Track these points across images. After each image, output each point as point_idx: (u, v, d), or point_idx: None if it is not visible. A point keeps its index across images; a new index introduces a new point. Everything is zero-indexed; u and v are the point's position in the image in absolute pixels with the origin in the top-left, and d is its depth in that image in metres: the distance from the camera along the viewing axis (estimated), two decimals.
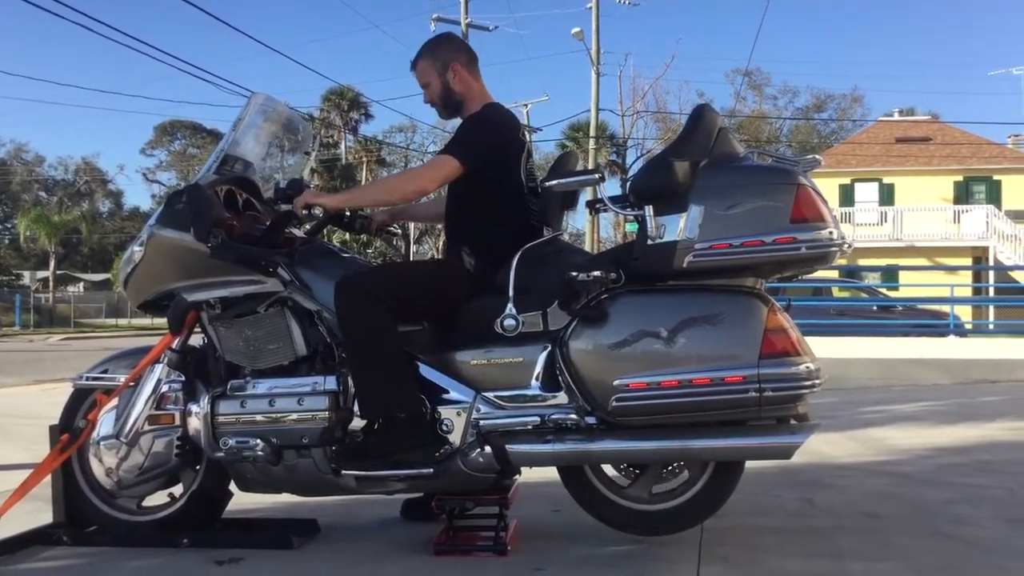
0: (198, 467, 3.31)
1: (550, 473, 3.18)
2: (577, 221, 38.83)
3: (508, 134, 3.28)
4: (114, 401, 3.31)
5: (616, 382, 2.80)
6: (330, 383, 3.08)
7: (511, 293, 2.95)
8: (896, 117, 39.79)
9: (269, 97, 3.57)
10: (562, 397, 2.94)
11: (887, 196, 33.43)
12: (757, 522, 3.49)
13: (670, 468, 3.13)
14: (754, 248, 2.73)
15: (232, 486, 3.32)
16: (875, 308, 16.78)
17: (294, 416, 3.07)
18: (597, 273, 2.86)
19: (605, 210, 3.08)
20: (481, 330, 3.00)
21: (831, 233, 2.74)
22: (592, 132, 32.85)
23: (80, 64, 79.78)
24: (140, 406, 3.23)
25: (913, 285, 20.00)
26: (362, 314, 2.97)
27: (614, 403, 2.81)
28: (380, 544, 3.27)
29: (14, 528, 3.29)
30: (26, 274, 54.34)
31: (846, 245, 2.79)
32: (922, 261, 27.93)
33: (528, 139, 3.41)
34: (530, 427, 2.95)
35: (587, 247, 27.40)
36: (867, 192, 33.70)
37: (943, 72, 77.36)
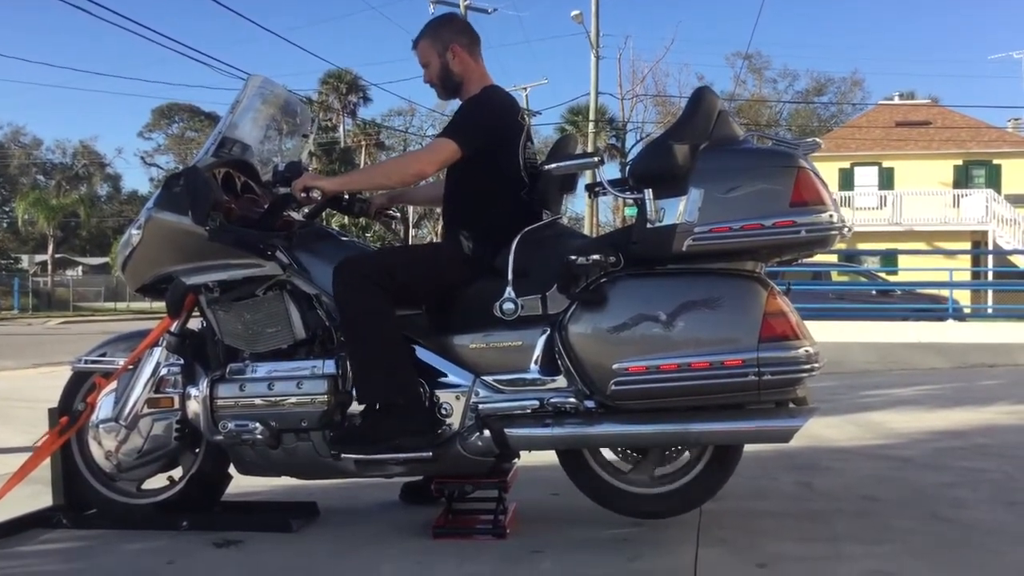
0: (197, 450, 3.31)
1: (549, 457, 3.18)
2: (576, 205, 38.78)
3: (507, 117, 3.27)
4: (113, 384, 3.31)
5: (615, 366, 2.80)
6: (329, 366, 3.07)
7: (510, 277, 2.94)
8: (896, 101, 39.69)
9: (267, 79, 3.55)
10: (561, 381, 2.94)
11: (887, 180, 33.39)
12: (756, 505, 3.50)
13: (669, 452, 3.13)
14: (754, 231, 2.73)
15: (231, 469, 3.32)
16: (874, 292, 16.78)
17: (293, 399, 3.08)
18: (596, 257, 2.86)
19: (604, 193, 3.08)
20: (480, 314, 2.99)
21: (831, 216, 2.73)
22: (591, 115, 32.76)
23: (77, 46, 79.53)
24: (139, 389, 3.24)
25: (912, 269, 20.04)
26: (360, 298, 2.97)
27: (613, 387, 2.81)
28: (379, 527, 3.27)
29: (13, 511, 3.29)
30: (24, 258, 54.26)
31: (846, 229, 2.78)
32: (921, 245, 27.91)
33: (527, 122, 3.40)
34: (529, 411, 2.95)
35: (586, 231, 27.38)
36: (866, 176, 33.64)
37: (943, 56, 77.23)
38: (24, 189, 51.44)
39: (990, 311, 18.66)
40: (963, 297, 17.95)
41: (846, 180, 33.19)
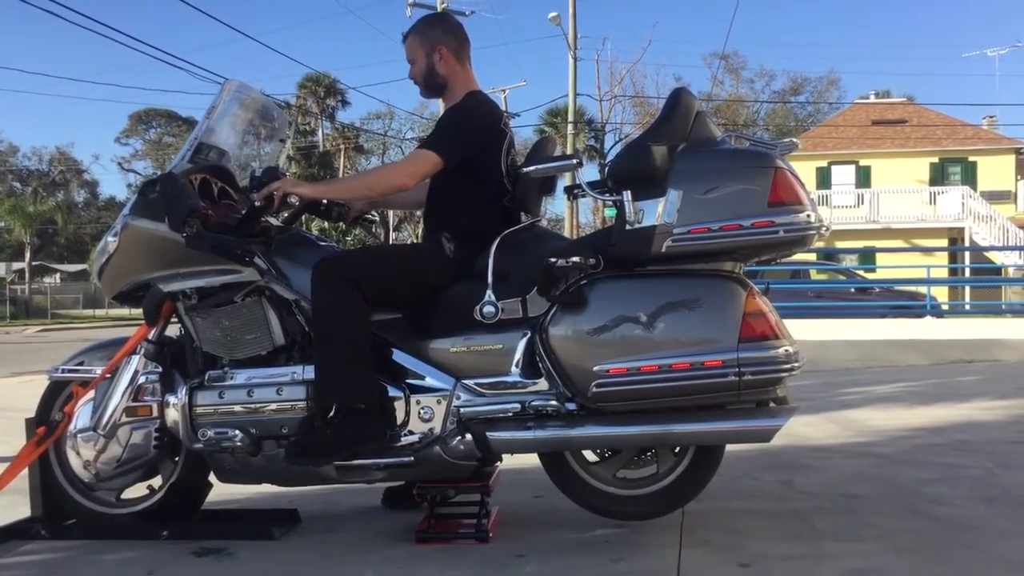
0: (177, 458, 3.28)
1: (531, 459, 3.18)
2: (556, 207, 38.87)
3: (489, 125, 3.24)
4: (91, 393, 3.29)
5: (596, 368, 2.80)
6: (308, 372, 3.05)
7: (490, 280, 2.94)
8: (872, 100, 39.95)
9: (243, 84, 3.53)
10: (542, 383, 2.93)
11: (863, 178, 33.61)
12: (737, 505, 3.51)
13: (650, 453, 3.13)
14: (732, 232, 2.73)
15: (212, 477, 3.30)
16: (852, 290, 16.84)
17: (273, 406, 3.06)
18: (576, 259, 2.85)
19: (584, 195, 3.07)
20: (460, 317, 2.99)
21: (809, 216, 2.75)
22: (570, 117, 32.75)
23: (52, 52, 78.90)
24: (117, 398, 3.21)
25: (890, 267, 20.15)
26: (337, 298, 2.95)
27: (594, 389, 2.81)
28: (361, 533, 3.26)
29: None
30: (1, 266, 53.74)
31: (824, 228, 2.80)
32: (899, 243, 28.13)
33: (510, 129, 3.38)
34: (511, 414, 2.95)
35: (566, 233, 27.39)
36: (844, 175, 33.85)
37: (918, 54, 77.89)
38: (0, 196, 50.95)
39: (967, 307, 18.79)
40: (941, 294, 18.09)
41: (823, 179, 33.38)
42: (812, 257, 18.00)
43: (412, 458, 2.99)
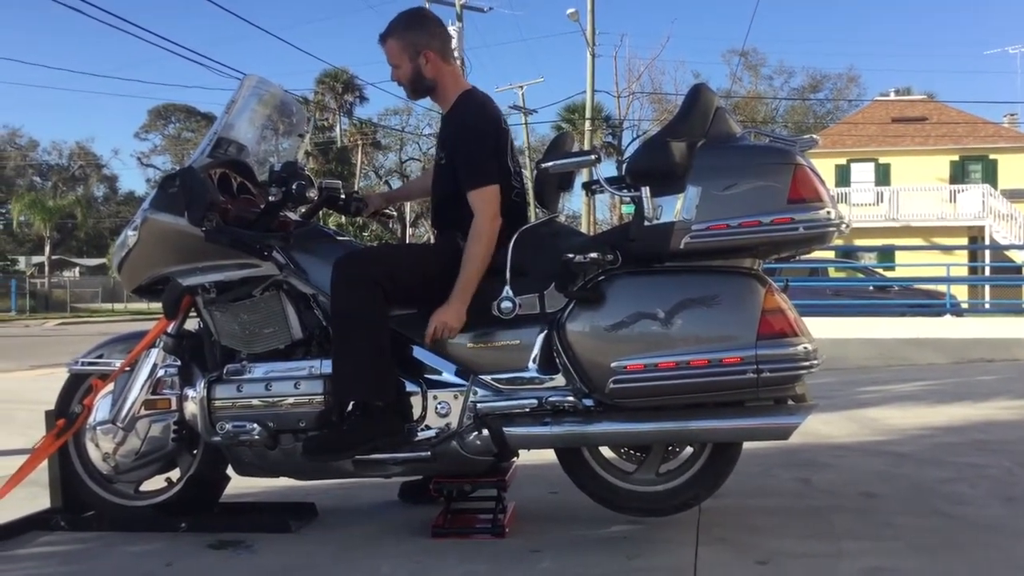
0: (195, 451, 3.30)
1: (548, 455, 3.18)
2: (573, 203, 38.82)
3: (497, 128, 3.21)
4: (110, 386, 3.31)
5: (614, 364, 2.80)
6: (326, 367, 3.06)
7: (508, 275, 2.94)
8: (892, 97, 39.68)
9: (262, 79, 3.54)
10: (559, 379, 2.93)
11: (883, 176, 33.41)
12: (755, 503, 3.50)
13: (668, 450, 3.13)
14: (752, 229, 2.72)
15: (230, 470, 3.31)
16: (871, 288, 16.78)
17: (291, 400, 3.07)
18: (594, 255, 2.85)
19: (601, 191, 3.08)
20: (478, 313, 2.99)
21: (828, 213, 2.73)
22: (588, 113, 32.74)
23: (73, 48, 79.47)
24: (136, 391, 3.23)
25: (909, 265, 20.07)
26: (357, 293, 2.95)
27: (612, 385, 2.80)
28: (378, 527, 3.27)
29: (11, 513, 3.29)
30: (21, 259, 54.16)
31: (843, 225, 2.78)
32: (918, 241, 27.93)
33: (508, 125, 3.34)
34: (527, 410, 2.94)
35: (583, 229, 27.38)
36: (863, 172, 33.67)
37: (939, 51, 77.40)
38: (20, 191, 51.32)
39: (987, 306, 18.67)
40: (960, 292, 17.98)
41: (842, 176, 33.20)
42: (831, 255, 17.92)
43: (429, 453, 2.99)
